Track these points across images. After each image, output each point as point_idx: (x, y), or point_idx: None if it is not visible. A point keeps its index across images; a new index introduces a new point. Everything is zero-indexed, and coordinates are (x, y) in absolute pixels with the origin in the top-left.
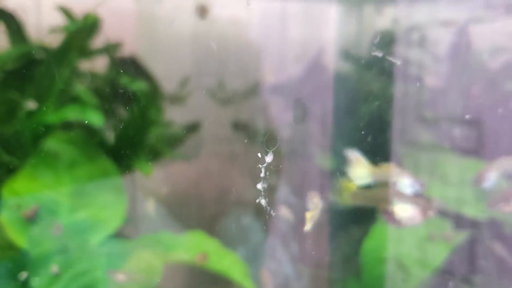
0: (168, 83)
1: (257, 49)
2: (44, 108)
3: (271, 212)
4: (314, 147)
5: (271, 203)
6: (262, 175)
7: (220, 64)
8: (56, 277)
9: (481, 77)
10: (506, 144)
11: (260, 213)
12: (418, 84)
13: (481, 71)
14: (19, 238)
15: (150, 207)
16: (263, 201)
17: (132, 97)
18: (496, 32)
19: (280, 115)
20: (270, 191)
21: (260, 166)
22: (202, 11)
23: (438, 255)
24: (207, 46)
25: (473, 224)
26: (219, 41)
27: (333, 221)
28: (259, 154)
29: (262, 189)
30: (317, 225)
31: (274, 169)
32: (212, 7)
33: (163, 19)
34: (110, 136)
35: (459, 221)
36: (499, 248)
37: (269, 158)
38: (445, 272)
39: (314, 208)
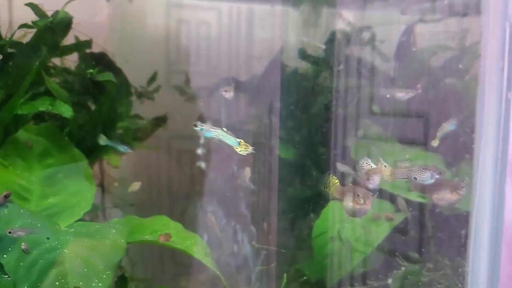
0: (137, 79)
1: (224, 48)
2: (16, 100)
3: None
4: (275, 139)
5: (234, 190)
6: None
7: (189, 61)
8: (25, 253)
9: (424, 73)
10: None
11: (224, 200)
12: (368, 80)
13: (424, 68)
14: None
15: (118, 195)
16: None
17: (101, 91)
18: (439, 32)
19: (244, 110)
20: (234, 179)
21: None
22: None
23: (380, 233)
24: (177, 44)
25: (415, 207)
26: (188, 40)
27: (289, 206)
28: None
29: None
30: (276, 211)
31: (240, 161)
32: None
33: (134, 17)
34: (80, 128)
35: (403, 205)
36: (437, 228)
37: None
38: (386, 249)
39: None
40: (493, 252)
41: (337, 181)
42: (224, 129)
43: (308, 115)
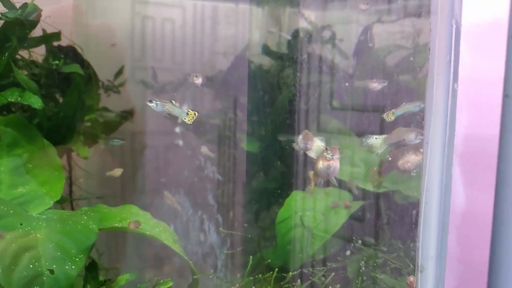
0: (104, 74)
1: (188, 44)
2: None
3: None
4: (240, 133)
5: (201, 181)
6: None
7: (154, 57)
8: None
9: (380, 71)
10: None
11: (191, 191)
12: (328, 76)
13: (381, 65)
14: None
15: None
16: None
17: (69, 83)
18: (394, 32)
19: (210, 105)
20: (201, 171)
21: (191, 151)
22: None
23: (339, 220)
24: (143, 40)
25: (371, 196)
26: (153, 36)
27: (255, 197)
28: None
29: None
30: (242, 202)
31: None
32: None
33: (99, 13)
34: (49, 119)
35: (360, 194)
36: (391, 214)
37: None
38: (343, 234)
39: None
40: (441, 229)
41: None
42: (173, 101)
43: (272, 109)
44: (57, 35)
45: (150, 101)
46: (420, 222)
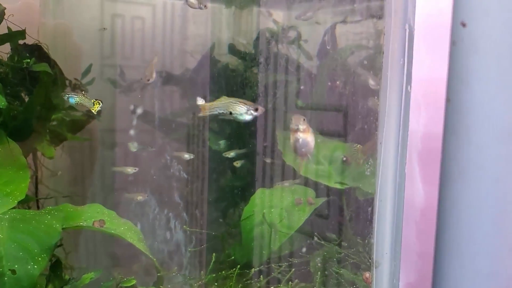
0: (71, 72)
1: (158, 43)
2: None
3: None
4: (207, 131)
5: (168, 180)
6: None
7: (123, 55)
8: None
9: (343, 71)
10: (363, 127)
11: (157, 189)
12: (293, 76)
13: (343, 65)
14: None
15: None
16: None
17: (35, 82)
18: (357, 33)
19: (178, 103)
20: (167, 169)
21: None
22: None
23: (302, 217)
24: (113, 38)
25: (334, 193)
26: (123, 34)
27: (221, 195)
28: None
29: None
30: (208, 200)
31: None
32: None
33: (69, 10)
34: (14, 119)
35: (324, 191)
36: (352, 211)
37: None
38: (306, 230)
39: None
40: (396, 225)
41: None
42: (83, 92)
43: None
44: (21, 33)
45: (64, 95)
46: (375, 219)
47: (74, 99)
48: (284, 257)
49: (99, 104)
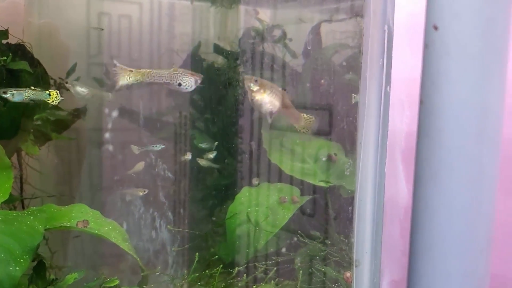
0: (58, 71)
1: (145, 41)
2: None
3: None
4: (192, 130)
5: (153, 179)
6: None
7: (110, 54)
8: None
9: (328, 69)
10: (347, 125)
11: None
12: (279, 75)
13: (328, 64)
14: None
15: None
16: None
17: (18, 82)
18: (341, 32)
19: (164, 102)
20: (152, 169)
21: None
22: None
23: (286, 215)
24: (99, 36)
25: (319, 191)
26: (109, 33)
27: (206, 194)
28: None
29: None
30: (193, 199)
31: (160, 152)
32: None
33: (55, 8)
34: None
35: (308, 189)
36: (335, 209)
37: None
38: (291, 229)
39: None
40: (376, 224)
41: None
42: (32, 87)
43: (224, 107)
44: (4, 33)
45: (5, 93)
46: (355, 218)
47: (22, 95)
48: (268, 255)
49: (57, 94)
